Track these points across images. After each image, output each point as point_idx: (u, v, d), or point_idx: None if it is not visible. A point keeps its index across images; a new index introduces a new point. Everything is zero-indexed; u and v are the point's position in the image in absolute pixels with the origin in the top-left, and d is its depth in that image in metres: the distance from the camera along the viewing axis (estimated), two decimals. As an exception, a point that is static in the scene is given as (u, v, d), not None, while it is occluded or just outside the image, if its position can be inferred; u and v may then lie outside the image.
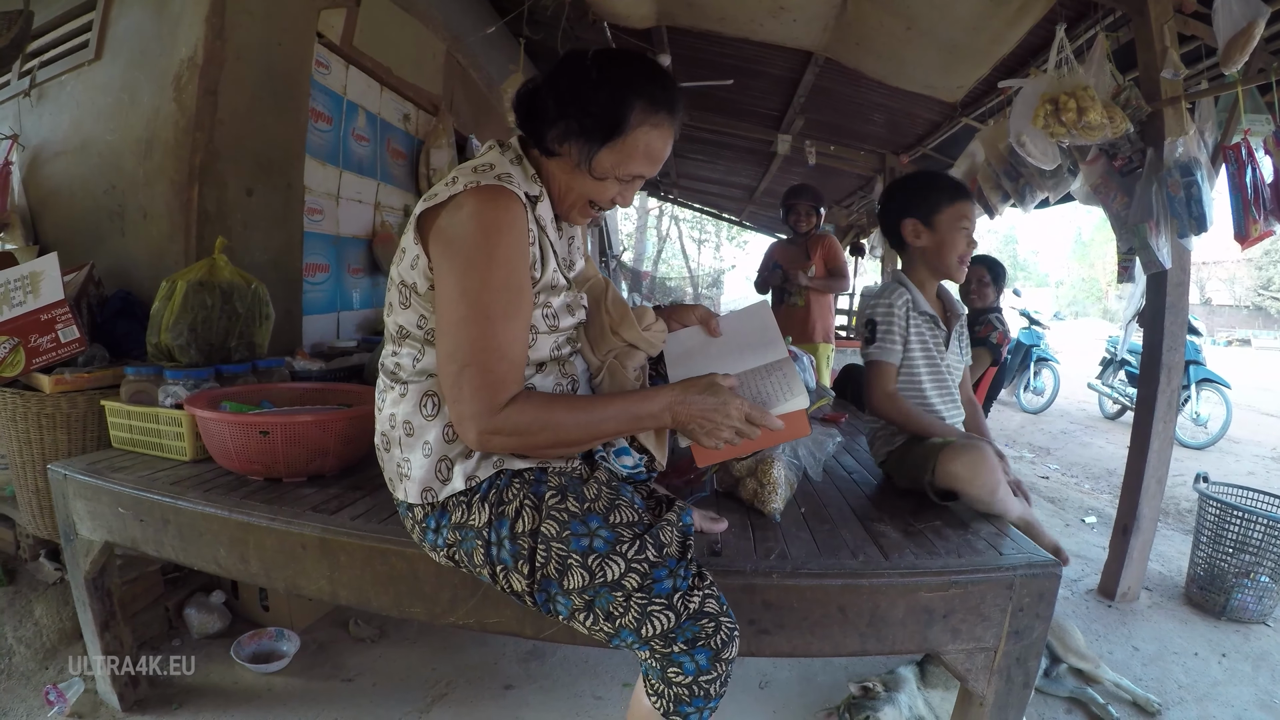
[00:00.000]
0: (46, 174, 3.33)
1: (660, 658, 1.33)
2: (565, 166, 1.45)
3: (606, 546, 1.36)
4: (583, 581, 1.35)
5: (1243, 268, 23.88)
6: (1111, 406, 8.54)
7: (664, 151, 1.45)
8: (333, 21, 3.64)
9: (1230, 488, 3.47)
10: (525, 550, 1.39)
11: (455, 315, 1.34)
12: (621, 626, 1.35)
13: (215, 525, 1.85)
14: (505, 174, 1.39)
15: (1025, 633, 1.63)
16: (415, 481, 1.47)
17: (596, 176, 1.43)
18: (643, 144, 1.41)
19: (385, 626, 2.76)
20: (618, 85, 1.39)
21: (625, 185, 1.48)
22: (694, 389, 1.38)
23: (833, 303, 5.44)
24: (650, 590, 1.33)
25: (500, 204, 1.35)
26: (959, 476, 1.88)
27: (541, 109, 1.43)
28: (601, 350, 1.61)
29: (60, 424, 2.40)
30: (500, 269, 1.34)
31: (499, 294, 1.33)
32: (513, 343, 1.36)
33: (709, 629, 1.32)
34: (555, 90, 1.42)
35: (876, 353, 2.17)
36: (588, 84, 1.40)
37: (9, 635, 2.42)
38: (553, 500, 1.41)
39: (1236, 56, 2.56)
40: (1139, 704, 2.44)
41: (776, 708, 2.38)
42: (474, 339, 1.32)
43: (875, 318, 2.18)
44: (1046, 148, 3.23)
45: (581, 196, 1.48)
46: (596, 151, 1.40)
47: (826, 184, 7.71)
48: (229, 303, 2.66)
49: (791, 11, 4.19)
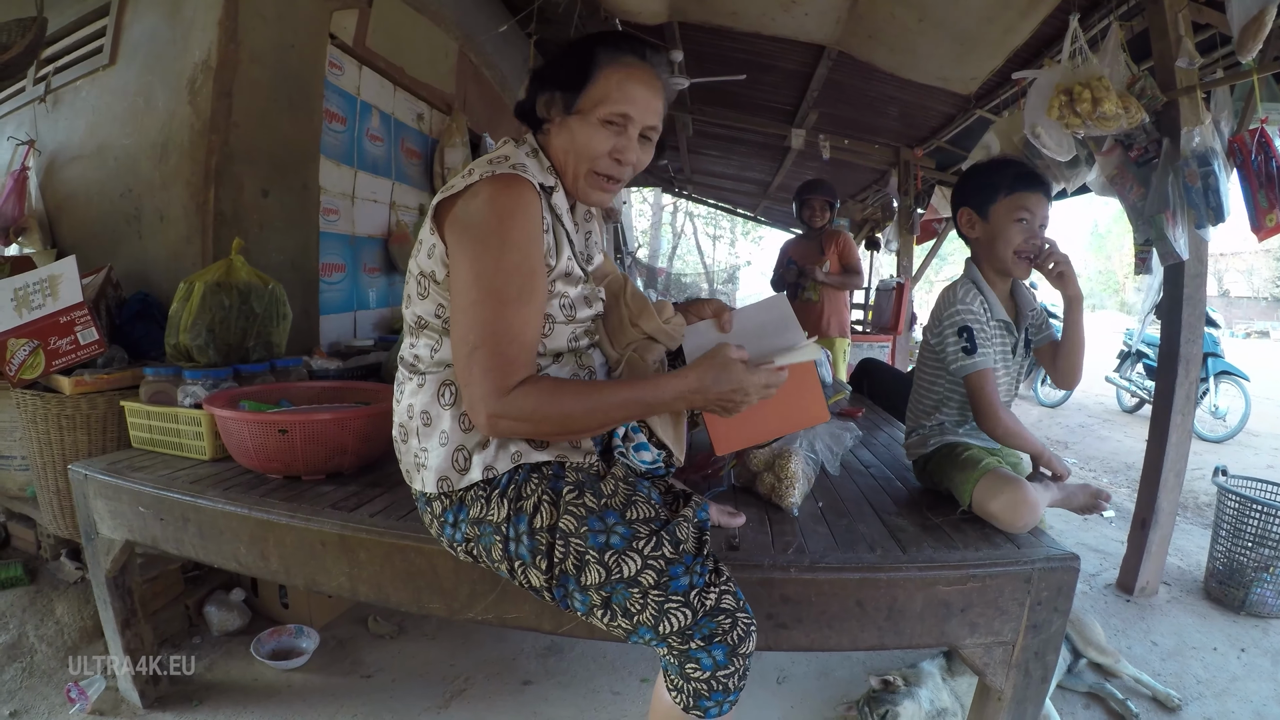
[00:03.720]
0: (63, 178, 3.37)
1: (678, 654, 1.33)
2: (560, 130, 1.49)
3: (623, 543, 1.37)
4: (600, 578, 1.36)
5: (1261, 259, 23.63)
6: (1129, 400, 8.47)
7: (642, 92, 1.46)
8: (345, 23, 3.65)
9: (1249, 481, 3.44)
10: (543, 545, 1.40)
11: (468, 299, 1.36)
12: (639, 623, 1.35)
13: (235, 523, 1.87)
14: (520, 164, 1.42)
15: (1043, 626, 1.62)
16: (432, 470, 1.47)
17: (579, 113, 1.45)
18: (615, 81, 1.44)
19: (404, 623, 2.77)
20: (581, 44, 1.48)
21: (618, 134, 1.47)
22: (709, 373, 1.37)
23: (848, 297, 5.42)
24: (667, 588, 1.33)
25: (514, 190, 1.37)
26: (997, 518, 1.79)
27: (530, 95, 1.52)
28: (621, 343, 1.62)
29: (80, 425, 2.42)
30: (513, 252, 1.36)
31: (512, 277, 1.35)
32: (524, 326, 1.37)
33: (725, 625, 1.32)
34: (536, 76, 1.52)
35: (982, 360, 1.98)
36: (559, 56, 1.51)
37: (31, 634, 2.45)
38: (570, 496, 1.42)
39: (1250, 44, 2.53)
40: (1158, 699, 2.43)
41: (794, 702, 2.37)
42: (486, 321, 1.34)
43: (970, 324, 2.00)
44: (1061, 139, 3.21)
45: (583, 158, 1.48)
46: (575, 98, 1.45)
47: (841, 178, 7.69)
48: (246, 303, 2.68)
49: (803, 5, 4.18)
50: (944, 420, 2.15)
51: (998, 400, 1.99)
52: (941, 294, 2.13)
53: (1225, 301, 22.94)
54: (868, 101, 5.77)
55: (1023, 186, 2.04)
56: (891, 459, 2.48)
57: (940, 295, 2.14)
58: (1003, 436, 2.00)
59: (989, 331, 2.04)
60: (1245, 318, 21.69)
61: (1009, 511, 1.77)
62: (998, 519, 1.79)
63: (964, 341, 1.99)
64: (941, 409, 2.15)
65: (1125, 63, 3.03)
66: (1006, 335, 2.12)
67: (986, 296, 2.06)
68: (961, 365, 1.99)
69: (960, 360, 1.99)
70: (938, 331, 2.05)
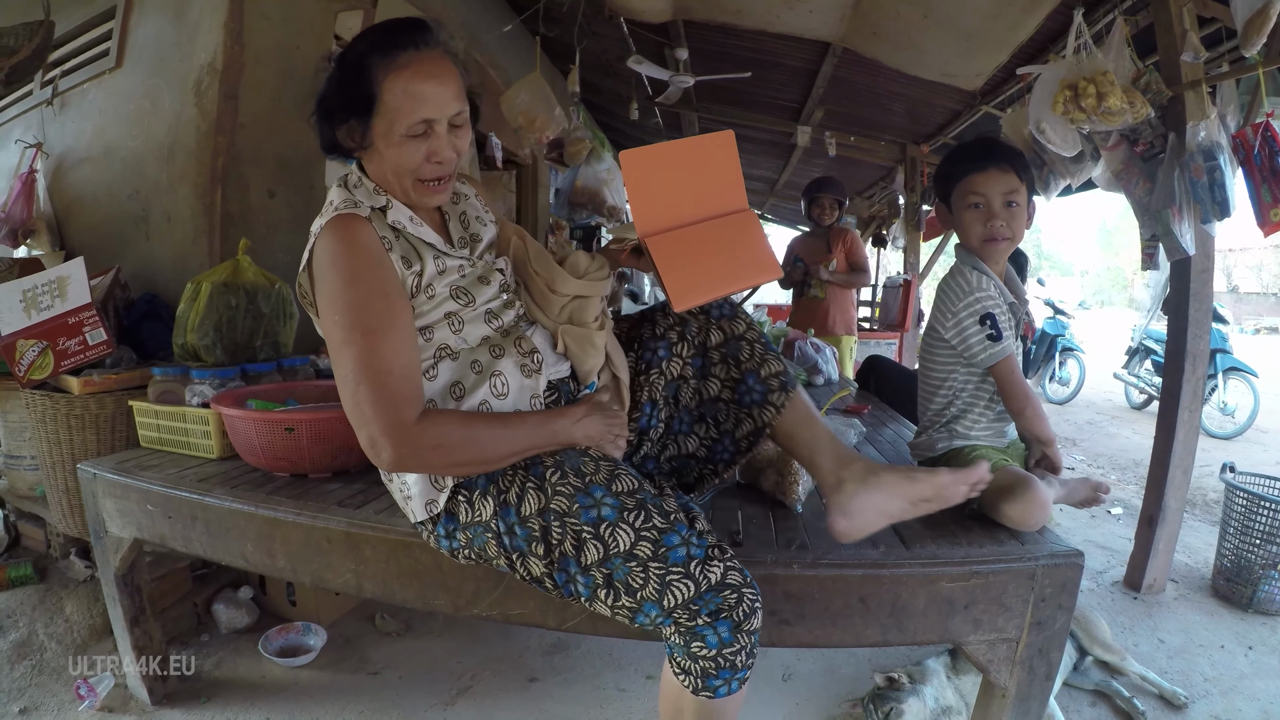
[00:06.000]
0: (71, 181, 3.39)
1: (684, 632, 1.33)
2: (370, 156, 1.50)
3: (614, 514, 1.38)
4: (598, 554, 1.37)
5: (1270, 254, 23.44)
6: (1138, 396, 8.43)
7: (431, 88, 1.42)
8: (350, 24, 3.66)
9: (1258, 478, 3.41)
10: (537, 531, 1.41)
11: (335, 342, 1.41)
12: (644, 599, 1.35)
13: (242, 521, 1.89)
14: (342, 202, 1.46)
15: (1048, 623, 1.62)
16: (417, 499, 1.51)
17: (381, 135, 1.44)
18: (400, 88, 1.40)
19: (411, 620, 2.78)
20: (351, 59, 1.43)
21: (426, 139, 1.45)
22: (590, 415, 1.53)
23: (854, 295, 5.41)
24: (665, 559, 1.34)
25: (339, 230, 1.42)
26: (1008, 515, 1.74)
27: (325, 130, 1.50)
28: (553, 312, 1.63)
29: (89, 424, 2.44)
30: (357, 285, 1.40)
31: (366, 308, 1.39)
32: (395, 353, 1.39)
33: (731, 600, 1.32)
34: (321, 107, 1.48)
35: (1007, 345, 1.94)
36: (332, 79, 1.46)
37: (40, 632, 2.47)
38: (554, 477, 1.44)
39: (1255, 38, 2.52)
40: (1165, 697, 2.42)
41: (799, 700, 2.38)
42: (357, 357, 1.37)
43: (991, 310, 1.93)
44: (1067, 134, 3.20)
45: (403, 174, 1.47)
46: (368, 123, 1.43)
47: (847, 175, 7.67)
48: (253, 303, 2.70)
49: (808, 2, 4.17)
50: (956, 419, 2.07)
51: (1026, 382, 1.97)
52: (945, 285, 2.05)
53: (1234, 297, 22.75)
54: (873, 98, 5.76)
55: (969, 169, 1.97)
56: (896, 456, 2.47)
57: (944, 286, 2.05)
58: (1032, 417, 1.97)
59: (1005, 315, 1.98)
60: (1254, 313, 21.50)
61: (1022, 508, 1.72)
62: (1009, 516, 1.74)
63: (988, 329, 1.93)
64: (955, 403, 2.07)
65: (1130, 57, 3.02)
66: (1012, 317, 2.04)
67: (995, 280, 2.01)
68: (990, 354, 1.93)
69: (988, 349, 1.93)
70: (955, 323, 1.97)
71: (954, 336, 1.99)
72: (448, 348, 1.53)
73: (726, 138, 1.63)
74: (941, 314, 2.02)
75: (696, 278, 1.55)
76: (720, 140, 1.63)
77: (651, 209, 1.58)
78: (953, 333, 1.99)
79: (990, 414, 2.06)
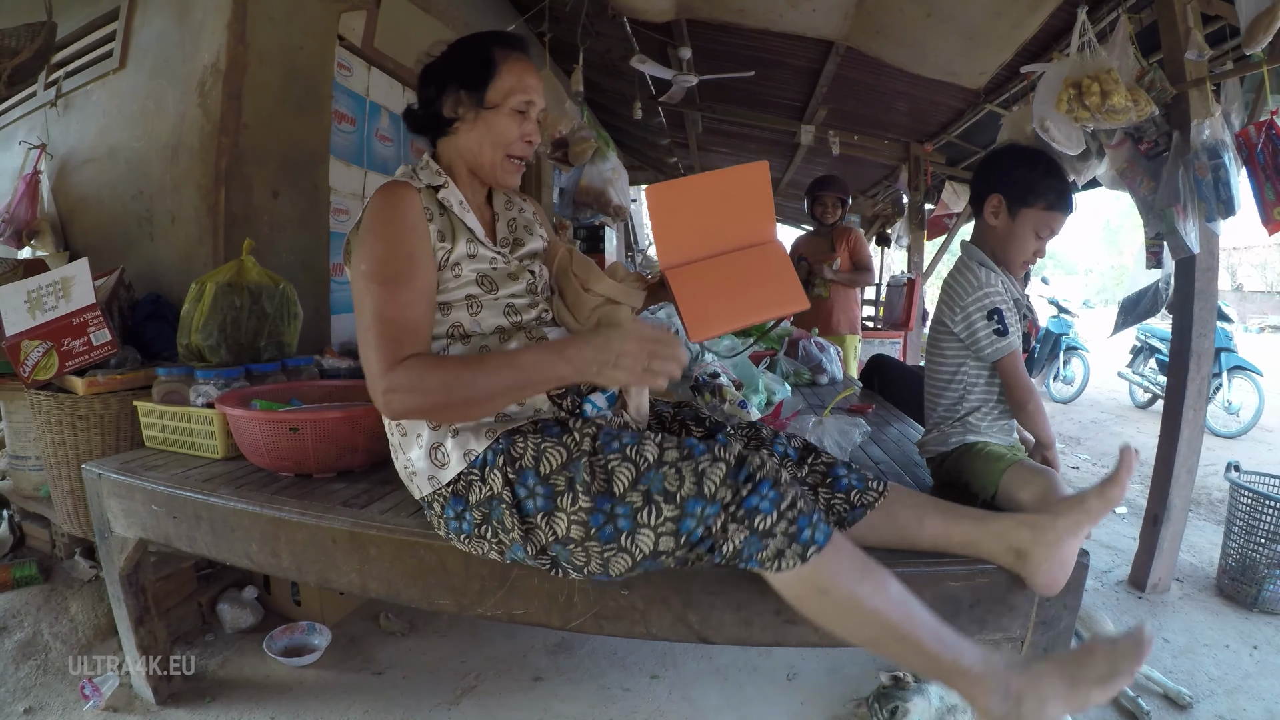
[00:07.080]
0: (75, 182, 3.39)
1: (741, 518, 1.33)
2: (469, 127, 1.66)
3: (635, 440, 1.44)
4: (631, 475, 1.39)
5: (1275, 253, 23.35)
6: (1142, 395, 8.41)
7: (533, 79, 1.66)
8: (353, 24, 3.67)
9: (1263, 477, 3.41)
10: (562, 485, 1.43)
11: (357, 291, 1.52)
12: (685, 499, 1.35)
13: (247, 521, 1.89)
14: (401, 174, 1.67)
15: (1052, 623, 1.62)
16: (421, 474, 1.55)
17: (491, 107, 1.62)
18: (516, 71, 1.62)
19: (415, 620, 2.79)
20: (472, 42, 1.67)
21: (525, 120, 1.65)
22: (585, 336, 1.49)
23: (858, 294, 5.41)
24: (693, 455, 1.39)
25: (388, 193, 1.57)
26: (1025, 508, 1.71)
27: (427, 102, 1.68)
28: (583, 314, 1.68)
29: (94, 425, 2.44)
30: (388, 242, 1.53)
31: (389, 264, 1.51)
32: (406, 305, 1.49)
33: (756, 463, 1.37)
34: (432, 81, 1.66)
35: (1014, 340, 1.98)
36: (450, 58, 1.66)
37: (45, 632, 2.48)
38: (578, 425, 1.51)
39: (1260, 37, 2.51)
40: (1170, 696, 2.42)
41: (805, 699, 2.38)
42: (371, 305, 1.48)
43: (999, 306, 1.97)
44: (1071, 132, 3.19)
45: (495, 146, 1.65)
46: (485, 90, 1.61)
47: (851, 174, 7.67)
48: (257, 303, 2.70)
49: (811, 1, 4.18)
50: (969, 414, 2.06)
51: (1029, 378, 2.01)
52: (952, 279, 2.07)
53: (1239, 296, 22.68)
54: (877, 97, 5.76)
55: (1060, 208, 2.03)
56: (901, 455, 2.47)
57: (952, 281, 2.07)
58: (1034, 412, 2.01)
59: (1012, 311, 2.01)
60: (1259, 312, 21.42)
61: (1039, 501, 1.70)
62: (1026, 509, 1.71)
63: (996, 324, 1.97)
64: (967, 399, 2.07)
65: (1134, 55, 3.02)
66: (1017, 313, 2.07)
67: (1002, 276, 2.04)
68: (997, 348, 1.97)
69: (995, 343, 1.97)
70: (963, 317, 2.00)
71: (962, 330, 2.01)
72: (461, 328, 1.60)
73: (760, 169, 1.66)
74: (949, 308, 2.05)
75: (715, 309, 1.60)
76: (753, 171, 1.66)
77: (675, 242, 1.64)
78: (961, 326, 2.01)
79: (999, 409, 2.07)
